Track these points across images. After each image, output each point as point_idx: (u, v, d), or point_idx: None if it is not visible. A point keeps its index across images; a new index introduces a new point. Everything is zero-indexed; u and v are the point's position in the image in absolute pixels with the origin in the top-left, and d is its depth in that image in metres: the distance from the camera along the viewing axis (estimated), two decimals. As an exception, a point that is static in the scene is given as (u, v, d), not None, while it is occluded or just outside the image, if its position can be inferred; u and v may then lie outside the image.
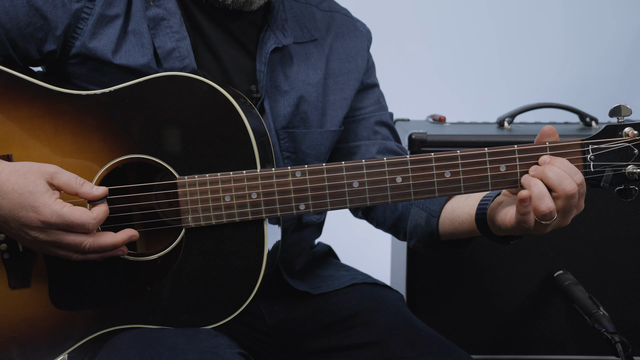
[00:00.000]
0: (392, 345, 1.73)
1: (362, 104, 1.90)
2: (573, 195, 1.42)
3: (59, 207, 1.44)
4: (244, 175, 1.53)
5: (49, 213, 1.43)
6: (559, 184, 1.42)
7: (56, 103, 1.55)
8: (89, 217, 1.46)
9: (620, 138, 1.46)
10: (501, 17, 3.53)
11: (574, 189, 1.42)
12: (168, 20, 1.66)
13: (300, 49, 1.80)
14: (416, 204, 1.76)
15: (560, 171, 1.43)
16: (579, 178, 1.43)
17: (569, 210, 1.44)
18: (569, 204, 1.43)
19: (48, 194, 1.45)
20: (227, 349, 1.52)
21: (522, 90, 3.43)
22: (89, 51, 1.61)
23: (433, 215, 1.71)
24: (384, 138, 1.90)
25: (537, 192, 1.43)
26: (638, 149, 1.46)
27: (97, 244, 1.48)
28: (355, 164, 1.52)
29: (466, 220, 1.63)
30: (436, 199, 1.71)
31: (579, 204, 1.46)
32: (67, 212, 1.44)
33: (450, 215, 1.68)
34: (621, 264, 2.28)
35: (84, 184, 1.48)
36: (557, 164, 1.44)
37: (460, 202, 1.66)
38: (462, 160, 1.49)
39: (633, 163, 1.46)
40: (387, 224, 1.86)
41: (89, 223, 1.45)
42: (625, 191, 1.48)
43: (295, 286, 1.82)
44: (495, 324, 2.31)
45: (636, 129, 1.46)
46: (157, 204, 1.61)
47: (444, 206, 1.70)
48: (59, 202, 1.45)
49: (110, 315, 1.57)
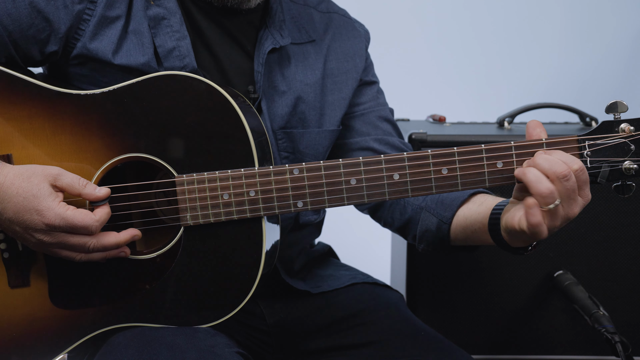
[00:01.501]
0: (392, 345, 1.73)
1: (361, 100, 1.90)
2: (565, 177, 1.39)
3: (62, 210, 1.46)
4: (242, 174, 1.53)
5: (53, 216, 1.45)
6: (550, 168, 1.40)
7: (55, 103, 1.56)
8: (92, 219, 1.47)
9: (617, 134, 1.46)
10: (501, 17, 3.53)
11: (565, 169, 1.39)
12: (168, 19, 1.66)
13: (298, 50, 1.80)
14: (426, 208, 1.75)
15: (551, 157, 1.42)
16: (577, 164, 1.41)
17: (569, 196, 1.40)
18: (565, 187, 1.39)
19: (52, 197, 1.46)
20: (226, 348, 1.52)
21: (522, 90, 3.43)
22: (89, 52, 1.62)
23: (444, 221, 1.70)
24: (386, 133, 1.89)
25: (532, 177, 1.41)
26: (634, 145, 1.45)
27: (100, 244, 1.50)
28: (353, 161, 1.52)
29: (479, 229, 1.62)
30: (448, 205, 1.70)
31: (583, 192, 1.43)
32: (71, 215, 1.46)
33: (462, 223, 1.67)
34: (621, 264, 2.28)
35: (87, 185, 1.50)
36: (551, 153, 1.43)
37: (473, 210, 1.65)
38: (459, 157, 1.49)
39: (630, 159, 1.45)
40: (396, 225, 1.86)
41: (92, 225, 1.47)
42: (623, 187, 1.47)
43: (294, 286, 1.82)
44: (495, 324, 2.31)
45: (632, 124, 1.45)
46: (156, 202, 1.61)
47: (455, 212, 1.69)
48: (62, 205, 1.47)
49: (110, 314, 1.57)
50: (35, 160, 1.55)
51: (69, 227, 1.46)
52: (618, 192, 1.48)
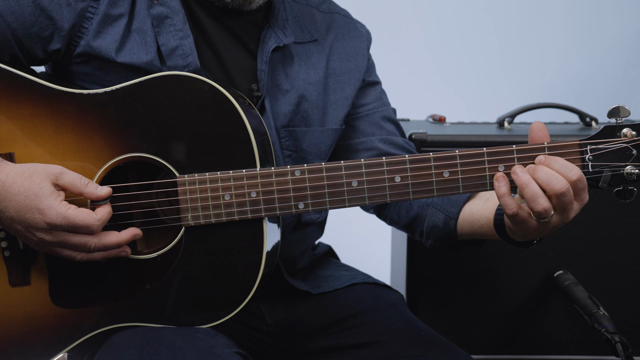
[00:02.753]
0: (392, 345, 1.73)
1: (365, 101, 1.91)
2: (563, 194, 1.42)
3: (64, 209, 1.46)
4: (243, 174, 1.53)
5: (54, 215, 1.45)
6: (548, 184, 1.42)
7: (58, 101, 1.56)
8: (93, 218, 1.48)
9: (619, 139, 1.46)
10: (501, 17, 3.53)
11: (563, 187, 1.41)
12: (172, 18, 1.67)
13: (301, 49, 1.81)
14: (433, 205, 1.76)
15: (549, 171, 1.43)
16: (575, 174, 1.43)
17: (565, 207, 1.44)
18: (562, 202, 1.43)
19: (53, 196, 1.47)
20: (225, 348, 1.53)
21: (522, 90, 3.43)
22: (93, 50, 1.62)
23: (451, 217, 1.72)
24: (390, 133, 1.90)
25: (529, 194, 1.43)
26: (636, 150, 1.46)
27: (102, 243, 1.50)
28: (355, 164, 1.52)
29: (485, 225, 1.64)
30: (453, 199, 1.72)
31: (581, 196, 1.45)
32: (72, 214, 1.46)
33: (469, 218, 1.69)
34: (621, 264, 2.28)
35: (88, 184, 1.50)
36: (550, 163, 1.44)
37: (480, 205, 1.67)
38: (461, 160, 1.50)
39: (631, 164, 1.46)
40: (402, 223, 1.87)
41: (93, 224, 1.48)
42: (624, 192, 1.48)
43: (296, 286, 1.82)
44: (495, 324, 2.31)
45: (634, 129, 1.45)
46: (157, 202, 1.61)
47: (462, 208, 1.70)
48: (64, 204, 1.47)
49: (110, 313, 1.57)
50: (38, 159, 1.55)
51: (71, 226, 1.47)
52: (620, 197, 1.48)
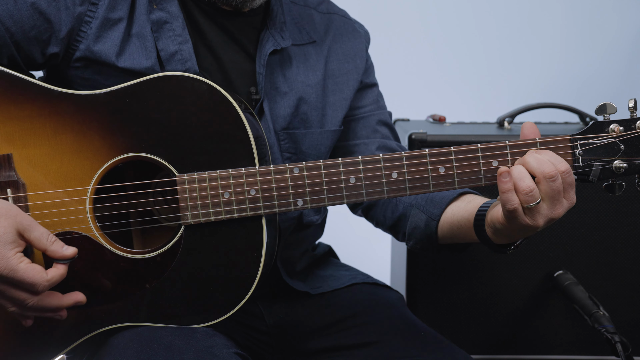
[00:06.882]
0: (392, 345, 1.73)
1: (362, 103, 1.91)
2: (552, 177, 1.44)
3: (15, 262, 1.43)
4: (242, 172, 1.54)
5: (3, 265, 1.42)
6: (538, 167, 1.45)
7: (56, 102, 1.56)
8: (43, 278, 1.44)
9: (607, 134, 1.50)
10: (502, 17, 3.54)
11: (553, 170, 1.44)
12: (171, 23, 1.67)
13: (299, 51, 1.81)
14: (417, 206, 1.77)
15: (540, 157, 1.46)
16: (563, 166, 1.46)
17: (554, 197, 1.45)
18: (551, 188, 1.44)
19: (11, 245, 1.43)
20: (224, 348, 1.53)
21: (522, 90, 3.43)
22: (93, 54, 1.62)
23: (433, 218, 1.72)
24: (384, 137, 1.91)
25: (516, 173, 1.45)
26: (624, 145, 1.50)
27: (40, 304, 1.47)
28: (352, 160, 1.53)
29: (464, 225, 1.65)
30: (437, 202, 1.73)
31: (568, 195, 1.47)
32: (22, 269, 1.43)
33: (450, 219, 1.70)
34: (621, 264, 2.28)
35: (54, 242, 1.47)
36: (541, 153, 1.48)
37: (461, 207, 1.68)
38: (456, 156, 1.52)
39: (619, 158, 1.50)
40: (387, 224, 1.87)
41: (40, 284, 1.44)
42: (613, 186, 1.52)
43: (295, 287, 1.82)
44: (495, 324, 2.31)
45: (621, 125, 1.50)
46: (154, 202, 1.61)
47: (444, 210, 1.71)
48: (18, 256, 1.43)
49: (109, 314, 1.57)
50: (36, 160, 1.55)
51: (16, 280, 1.43)
52: (609, 191, 1.53)
